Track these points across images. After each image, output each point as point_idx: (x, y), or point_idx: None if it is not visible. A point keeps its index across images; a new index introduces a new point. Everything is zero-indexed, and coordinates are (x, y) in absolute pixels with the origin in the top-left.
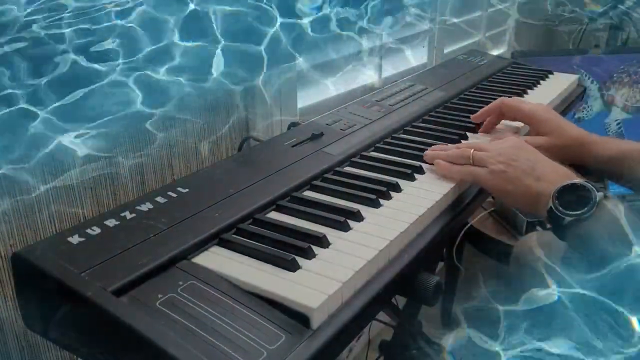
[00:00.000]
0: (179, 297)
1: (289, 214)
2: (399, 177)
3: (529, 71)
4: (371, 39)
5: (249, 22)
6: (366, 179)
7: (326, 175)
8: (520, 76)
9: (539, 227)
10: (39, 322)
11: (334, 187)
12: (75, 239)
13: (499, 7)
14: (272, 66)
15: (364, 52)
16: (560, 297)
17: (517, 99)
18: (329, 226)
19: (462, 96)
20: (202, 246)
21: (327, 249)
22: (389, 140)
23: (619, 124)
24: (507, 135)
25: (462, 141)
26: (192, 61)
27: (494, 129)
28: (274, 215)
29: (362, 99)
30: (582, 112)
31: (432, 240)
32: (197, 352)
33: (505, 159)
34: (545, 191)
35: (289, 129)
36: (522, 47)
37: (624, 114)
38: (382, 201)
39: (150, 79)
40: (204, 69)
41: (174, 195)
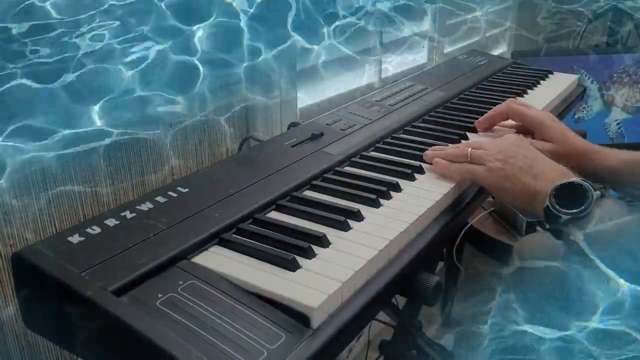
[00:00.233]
0: (179, 297)
1: (289, 214)
2: (399, 177)
3: (529, 71)
4: (371, 39)
5: (249, 22)
6: (366, 179)
7: (326, 175)
8: (520, 76)
9: (539, 228)
10: (39, 322)
11: (334, 187)
12: (75, 239)
13: (499, 7)
14: (272, 66)
15: (364, 52)
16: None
17: (523, 103)
18: (329, 226)
19: (462, 96)
20: (202, 246)
21: (327, 248)
22: (389, 140)
23: (619, 124)
24: (507, 133)
25: (462, 141)
26: (191, 61)
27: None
28: (274, 215)
29: (362, 99)
30: (582, 112)
31: (432, 240)
32: (198, 351)
33: (503, 157)
34: (542, 189)
35: (289, 129)
36: (522, 47)
37: (624, 114)
38: (382, 201)
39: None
40: (204, 69)
41: (174, 195)
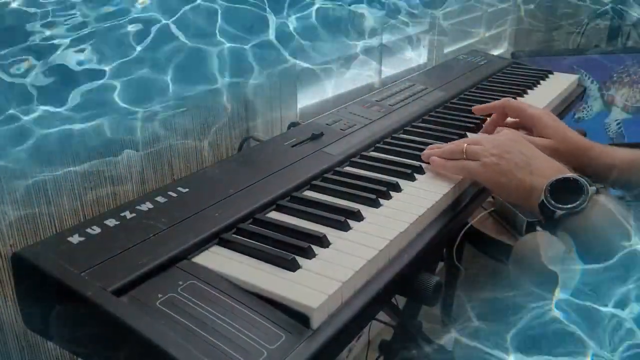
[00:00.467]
0: (179, 297)
1: (289, 214)
2: (399, 177)
3: (529, 71)
4: (371, 38)
5: (249, 21)
6: (366, 179)
7: (326, 175)
8: (520, 76)
9: (539, 227)
10: (39, 322)
11: (334, 187)
12: (75, 239)
13: (499, 7)
14: (273, 66)
15: (364, 52)
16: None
17: (522, 102)
18: (329, 226)
19: (462, 96)
20: (202, 246)
21: (327, 248)
22: (389, 140)
23: (619, 124)
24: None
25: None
26: (191, 61)
27: (495, 129)
28: (274, 215)
29: (362, 99)
30: (582, 112)
31: (432, 240)
32: (198, 352)
33: (498, 152)
34: (538, 185)
35: (289, 129)
36: (522, 47)
37: (624, 114)
38: (382, 201)
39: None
40: (204, 69)
41: (174, 195)
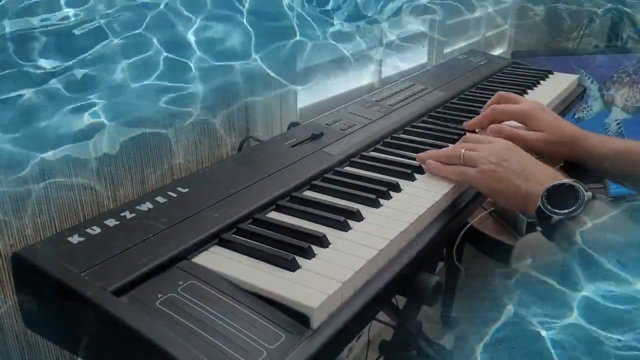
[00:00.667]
0: (179, 297)
1: (289, 214)
2: (399, 177)
3: (529, 71)
4: (371, 38)
5: (248, 21)
6: (366, 179)
7: (326, 175)
8: (520, 76)
9: (539, 228)
10: (39, 322)
11: (334, 187)
12: (75, 239)
13: (499, 7)
14: (272, 66)
15: (364, 52)
16: None
17: (509, 97)
18: (329, 226)
19: (462, 96)
20: (202, 246)
21: (327, 248)
22: (389, 140)
23: (619, 124)
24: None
25: None
26: (192, 60)
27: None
28: (274, 215)
29: (362, 99)
30: (582, 112)
31: (432, 240)
32: (197, 351)
33: (496, 159)
34: (534, 191)
35: (289, 129)
36: (522, 47)
37: (624, 114)
38: (382, 201)
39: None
40: (204, 69)
41: (174, 195)
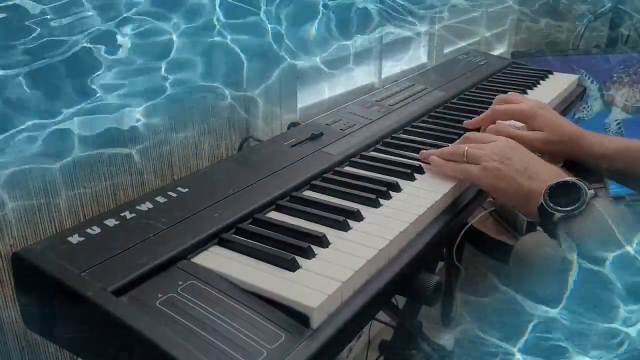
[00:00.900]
0: (179, 297)
1: (288, 214)
2: (399, 177)
3: (529, 71)
4: (371, 38)
5: (249, 21)
6: (366, 179)
7: (326, 175)
8: (520, 76)
9: (539, 227)
10: (39, 322)
11: (333, 187)
12: (75, 239)
13: (499, 7)
14: (272, 66)
15: (364, 52)
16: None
17: (509, 98)
18: (328, 226)
19: (462, 96)
20: (201, 246)
21: (327, 248)
22: (388, 140)
23: (619, 124)
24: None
25: None
26: (191, 61)
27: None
28: (274, 215)
29: (362, 99)
30: (582, 112)
31: (432, 240)
32: (197, 351)
33: (499, 157)
34: (537, 189)
35: (289, 129)
36: (522, 47)
37: (624, 114)
38: (382, 201)
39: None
40: (204, 68)
41: (174, 195)
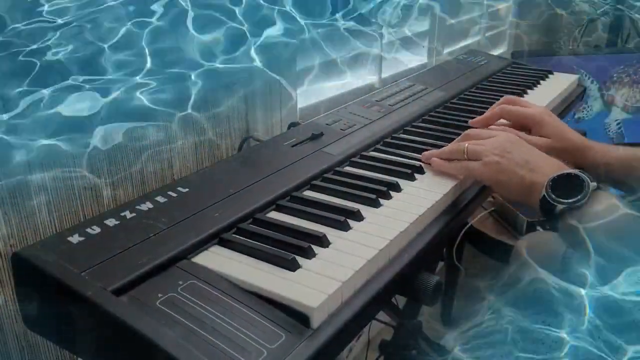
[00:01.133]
0: (179, 297)
1: (289, 214)
2: (399, 177)
3: (529, 71)
4: (371, 38)
5: (249, 21)
6: (366, 179)
7: (326, 175)
8: (520, 76)
9: (539, 227)
10: (38, 322)
11: (334, 186)
12: (75, 239)
13: (498, 7)
14: (272, 66)
15: (364, 51)
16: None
17: (518, 100)
18: (329, 226)
19: (462, 96)
20: (202, 246)
21: (327, 248)
22: (389, 140)
23: (619, 124)
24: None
25: None
26: (192, 61)
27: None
28: (274, 214)
29: (362, 99)
30: (582, 112)
31: (432, 240)
32: (198, 351)
33: (499, 151)
34: (539, 181)
35: (289, 129)
36: (522, 47)
37: (624, 114)
38: (382, 201)
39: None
40: (204, 69)
41: (174, 195)
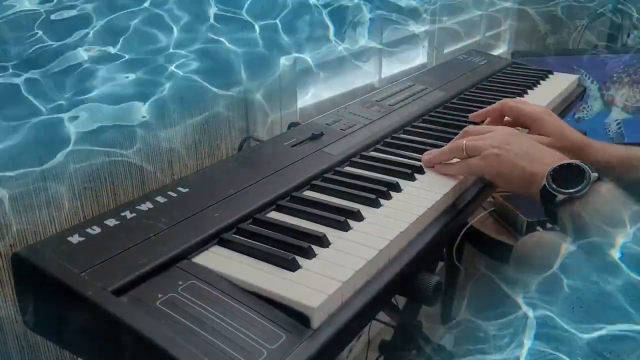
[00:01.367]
0: (179, 297)
1: (289, 214)
2: (399, 177)
3: (529, 71)
4: (371, 38)
5: (250, 21)
6: (366, 179)
7: (326, 175)
8: (520, 76)
9: (539, 227)
10: (38, 322)
11: (334, 187)
12: (75, 239)
13: (499, 7)
14: (272, 66)
15: (365, 51)
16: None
17: (519, 100)
18: (329, 226)
19: (462, 96)
20: (202, 246)
21: (327, 248)
22: (389, 140)
23: (619, 124)
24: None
25: None
26: (192, 61)
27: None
28: (274, 215)
29: (362, 99)
30: (582, 112)
31: (432, 240)
32: (198, 351)
33: (499, 144)
34: (539, 172)
35: (289, 129)
36: (522, 47)
37: (624, 114)
38: (382, 201)
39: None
40: (204, 69)
41: (174, 195)
